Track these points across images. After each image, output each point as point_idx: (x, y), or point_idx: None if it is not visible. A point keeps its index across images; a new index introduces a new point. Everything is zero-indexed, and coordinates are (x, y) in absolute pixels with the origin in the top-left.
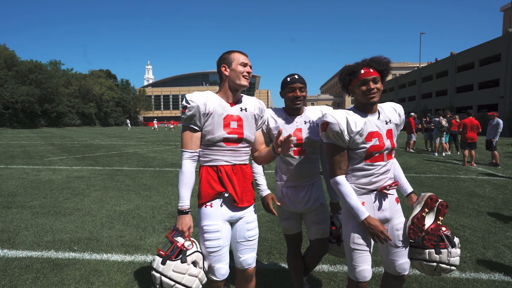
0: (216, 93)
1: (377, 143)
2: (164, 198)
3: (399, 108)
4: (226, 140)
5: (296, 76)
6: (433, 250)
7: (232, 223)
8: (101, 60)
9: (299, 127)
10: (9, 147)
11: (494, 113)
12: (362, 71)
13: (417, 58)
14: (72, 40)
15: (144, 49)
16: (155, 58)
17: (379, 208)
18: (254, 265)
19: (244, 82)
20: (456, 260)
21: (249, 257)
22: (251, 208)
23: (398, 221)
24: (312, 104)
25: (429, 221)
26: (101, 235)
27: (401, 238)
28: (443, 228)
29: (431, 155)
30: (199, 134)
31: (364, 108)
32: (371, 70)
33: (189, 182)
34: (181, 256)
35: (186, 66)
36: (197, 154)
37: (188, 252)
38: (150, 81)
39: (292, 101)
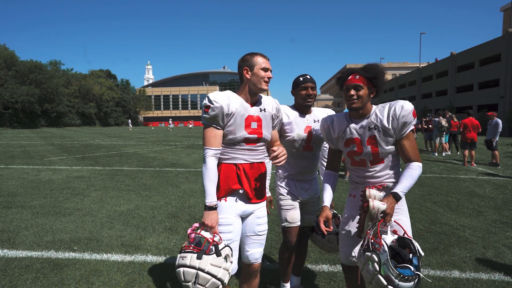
0: (236, 92)
1: (355, 149)
2: (164, 198)
3: (398, 109)
4: (246, 140)
5: (308, 77)
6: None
7: (243, 218)
8: (101, 60)
9: (309, 124)
10: (9, 147)
11: (493, 113)
12: (349, 78)
13: (417, 58)
14: (72, 40)
15: (144, 49)
16: (155, 58)
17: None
18: (260, 260)
19: (264, 86)
20: (361, 267)
21: (256, 252)
22: (263, 204)
23: (394, 218)
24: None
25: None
26: (101, 235)
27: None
28: (374, 237)
29: (431, 155)
30: (221, 132)
31: (351, 113)
32: (356, 78)
33: (215, 178)
34: (215, 250)
35: (186, 66)
36: (220, 152)
37: (219, 247)
38: (150, 81)
39: (304, 99)
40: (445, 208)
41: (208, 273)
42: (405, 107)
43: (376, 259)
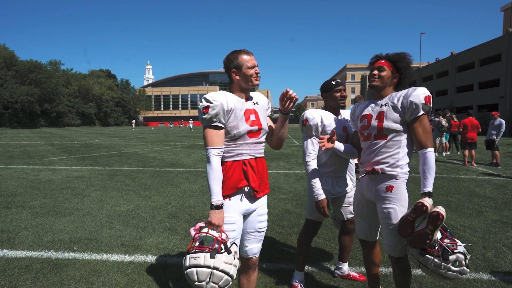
0: (228, 91)
1: (365, 123)
2: (164, 198)
3: (411, 90)
4: (249, 132)
5: (339, 80)
6: (418, 251)
7: (245, 215)
8: (101, 60)
9: (344, 124)
10: (9, 147)
11: (497, 113)
12: (377, 61)
13: (417, 58)
14: (72, 40)
15: (144, 49)
16: (155, 58)
17: (365, 187)
18: (258, 255)
19: (255, 82)
20: (444, 272)
21: (255, 247)
22: (264, 201)
23: (383, 206)
24: (312, 104)
25: (420, 226)
26: (101, 235)
27: (383, 221)
28: (445, 240)
29: None
30: (223, 131)
31: (374, 95)
32: (382, 61)
33: (220, 177)
34: (224, 248)
35: (186, 66)
36: (223, 150)
37: (228, 244)
38: (150, 81)
39: (340, 100)
40: (445, 208)
41: (222, 271)
42: (417, 90)
43: (463, 257)
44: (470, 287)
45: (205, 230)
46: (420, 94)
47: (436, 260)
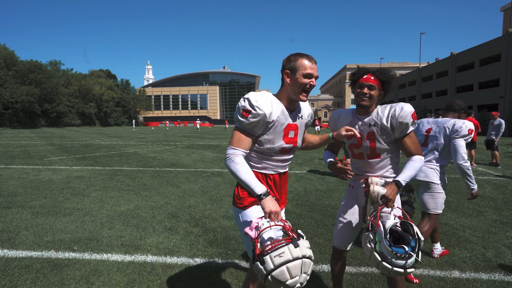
0: (275, 95)
1: (355, 142)
2: (164, 198)
3: (398, 110)
4: (283, 150)
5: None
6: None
7: None
8: (101, 60)
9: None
10: (9, 147)
11: (497, 113)
12: (365, 76)
13: (417, 58)
14: (72, 40)
15: (144, 49)
16: (155, 58)
17: (362, 193)
18: None
19: (302, 98)
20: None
21: None
22: (283, 210)
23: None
24: (312, 104)
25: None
26: (101, 235)
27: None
28: (373, 219)
29: None
30: (253, 138)
31: (357, 110)
32: (372, 78)
33: (250, 170)
34: (296, 233)
35: (186, 66)
36: (246, 155)
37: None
38: (150, 81)
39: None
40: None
41: (309, 257)
42: (404, 109)
43: (372, 237)
44: (470, 287)
45: (265, 224)
46: (408, 114)
47: (365, 233)
